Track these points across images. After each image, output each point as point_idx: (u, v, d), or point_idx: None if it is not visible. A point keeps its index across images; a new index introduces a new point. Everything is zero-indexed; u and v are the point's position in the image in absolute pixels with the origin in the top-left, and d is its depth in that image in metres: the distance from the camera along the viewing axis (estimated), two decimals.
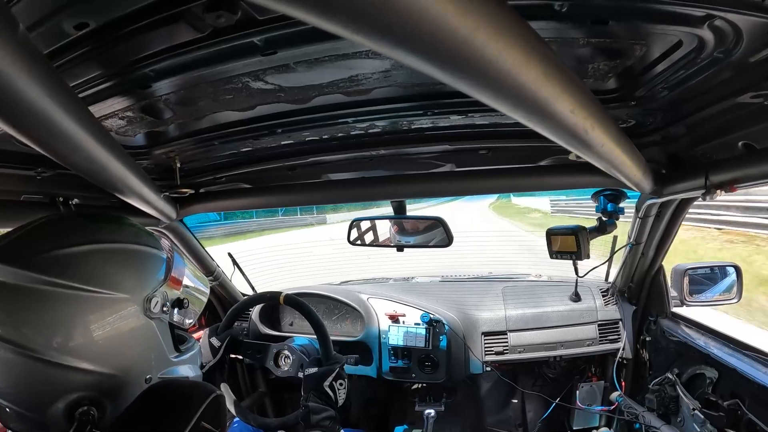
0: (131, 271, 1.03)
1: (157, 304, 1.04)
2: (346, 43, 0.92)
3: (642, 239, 2.07)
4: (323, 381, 1.70)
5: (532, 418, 2.93)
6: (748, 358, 1.68)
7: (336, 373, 1.74)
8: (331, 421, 1.61)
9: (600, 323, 2.52)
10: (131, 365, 1.00)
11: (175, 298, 1.12)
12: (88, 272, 0.94)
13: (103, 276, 0.96)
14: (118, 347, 0.97)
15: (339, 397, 1.71)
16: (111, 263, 0.99)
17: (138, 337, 1.01)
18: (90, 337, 0.92)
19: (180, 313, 1.16)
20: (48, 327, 0.89)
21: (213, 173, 1.88)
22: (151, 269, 1.07)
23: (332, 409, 1.64)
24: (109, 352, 0.96)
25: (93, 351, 0.93)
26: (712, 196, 1.31)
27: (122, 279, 0.99)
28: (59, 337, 0.90)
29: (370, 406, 3.13)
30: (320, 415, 1.60)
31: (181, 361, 1.15)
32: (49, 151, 0.89)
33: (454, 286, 3.15)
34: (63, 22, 0.81)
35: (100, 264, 0.97)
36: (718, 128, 1.23)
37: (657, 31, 0.88)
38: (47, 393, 0.91)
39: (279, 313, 2.94)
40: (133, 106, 1.19)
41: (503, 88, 0.58)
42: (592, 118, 0.78)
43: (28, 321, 0.89)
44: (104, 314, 0.95)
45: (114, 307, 0.96)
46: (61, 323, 0.90)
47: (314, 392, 1.68)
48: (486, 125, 1.45)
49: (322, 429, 1.57)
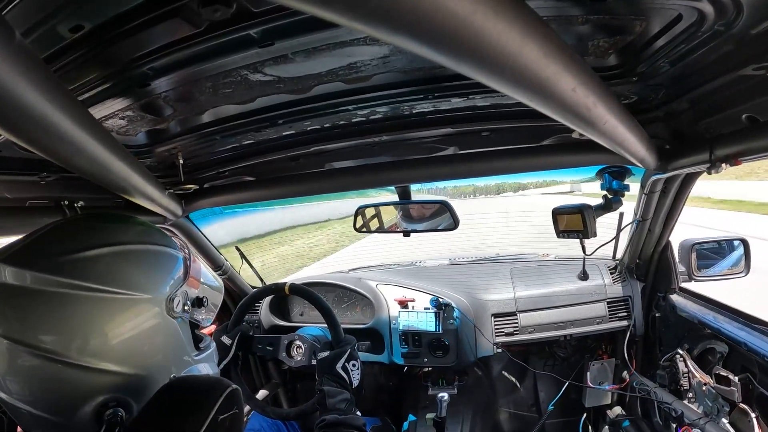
0: (152, 271, 1.03)
1: (179, 304, 1.06)
2: (343, 30, 0.91)
3: (648, 215, 2.06)
4: (336, 363, 1.70)
5: (544, 398, 2.95)
6: (759, 332, 1.68)
7: (348, 354, 1.74)
8: (347, 403, 1.60)
9: (609, 301, 2.52)
10: (156, 365, 1.01)
11: (194, 297, 1.14)
12: (108, 273, 0.95)
13: (124, 277, 0.96)
14: (143, 348, 0.98)
15: (353, 378, 1.71)
16: (131, 264, 1.00)
17: (162, 336, 1.02)
18: (114, 338, 0.93)
19: (200, 311, 1.17)
20: (70, 330, 0.90)
21: (216, 168, 1.88)
22: (171, 269, 1.08)
23: (347, 392, 1.64)
24: (135, 352, 0.96)
25: (117, 352, 0.94)
26: (717, 169, 1.30)
27: (143, 279, 1.00)
28: (82, 339, 0.90)
29: (383, 392, 3.16)
30: (336, 398, 1.60)
31: (201, 359, 1.17)
32: (52, 155, 0.89)
33: (462, 269, 3.15)
34: (58, 26, 0.81)
35: (120, 265, 0.98)
36: (721, 102, 1.22)
37: (656, 5, 0.87)
38: (74, 396, 0.92)
39: (289, 304, 2.96)
40: (133, 106, 1.19)
41: (504, 69, 0.58)
42: (594, 96, 0.78)
43: (49, 325, 0.89)
44: (128, 315, 0.95)
45: (137, 307, 0.97)
46: (84, 326, 0.91)
47: (328, 375, 1.68)
48: (487, 107, 1.44)
49: (339, 412, 1.56)
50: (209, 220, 2.79)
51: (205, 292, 1.19)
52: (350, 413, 1.58)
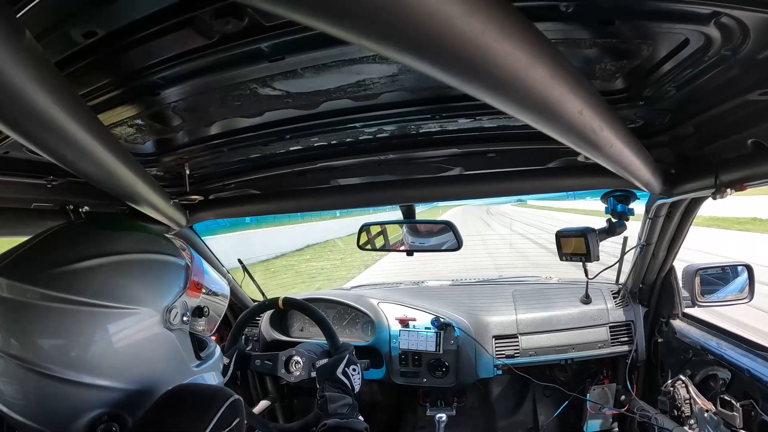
0: (148, 283, 0.99)
1: (177, 315, 1.01)
2: (353, 48, 0.92)
3: (652, 240, 2.05)
4: (336, 369, 1.70)
5: (544, 421, 2.91)
6: (762, 359, 1.66)
7: (347, 359, 1.74)
8: (348, 408, 1.59)
9: (611, 325, 2.50)
10: (152, 379, 0.98)
11: (194, 307, 1.08)
12: (102, 286, 0.92)
13: (119, 290, 0.93)
14: (138, 362, 0.95)
15: (354, 382, 1.71)
16: (127, 275, 0.96)
17: (158, 350, 0.99)
18: (108, 353, 0.91)
19: (200, 321, 1.11)
20: (63, 345, 0.88)
21: (222, 180, 1.88)
22: (169, 279, 1.04)
23: (350, 396, 1.63)
24: (129, 367, 0.94)
25: (111, 367, 0.91)
26: (722, 195, 1.30)
27: (139, 291, 0.96)
28: (75, 354, 0.88)
29: (380, 410, 3.12)
30: (337, 403, 1.59)
31: (204, 369, 1.12)
32: (59, 159, 0.89)
33: (464, 290, 3.14)
34: (71, 31, 0.81)
35: (115, 277, 0.94)
36: (727, 127, 1.22)
37: (663, 29, 0.88)
38: (66, 411, 0.90)
39: (289, 319, 2.94)
40: (141, 114, 1.20)
41: (511, 91, 0.58)
42: (601, 119, 0.78)
43: (42, 339, 0.87)
44: (122, 329, 0.92)
45: (132, 321, 0.94)
46: (77, 341, 0.88)
47: (329, 382, 1.68)
48: (494, 128, 1.45)
49: (340, 416, 1.55)
50: (213, 232, 2.79)
51: (207, 302, 1.13)
52: (352, 417, 1.58)
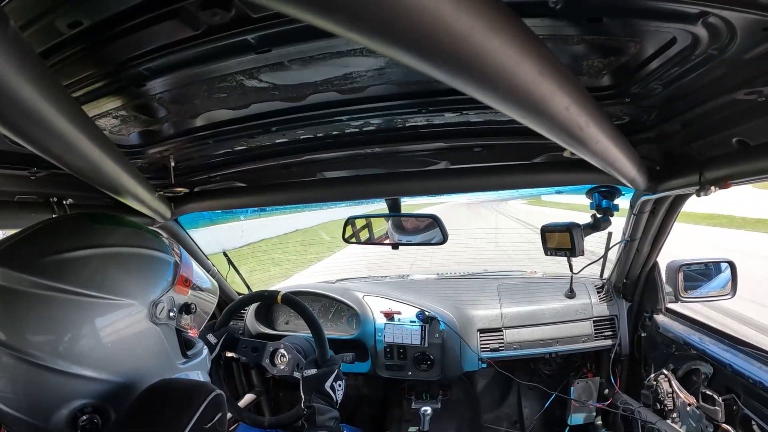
0: (137, 276, 1.00)
1: (164, 310, 1.02)
2: (340, 41, 0.92)
3: (637, 235, 2.07)
4: (324, 382, 1.73)
5: (529, 414, 2.94)
6: (743, 354, 1.69)
7: (336, 374, 1.77)
8: (335, 421, 1.65)
9: (595, 319, 2.53)
10: (136, 372, 0.97)
11: (182, 303, 1.09)
12: (91, 277, 0.92)
13: (107, 281, 0.94)
14: (123, 354, 0.95)
15: (338, 397, 1.75)
16: (116, 267, 0.97)
17: (143, 344, 0.99)
18: (93, 344, 0.90)
19: (187, 318, 1.12)
20: (50, 333, 0.87)
21: (207, 172, 1.87)
22: (157, 273, 1.04)
23: (335, 410, 1.68)
24: (114, 359, 0.93)
25: (96, 358, 0.91)
26: (706, 192, 1.31)
27: (128, 284, 0.97)
28: (61, 343, 0.88)
29: (366, 403, 3.13)
30: (325, 415, 1.63)
31: (189, 367, 1.12)
32: (43, 150, 0.88)
33: (449, 284, 3.15)
34: (56, 21, 0.80)
35: (104, 268, 0.95)
36: (713, 125, 1.23)
37: (651, 28, 0.88)
38: (49, 400, 0.89)
39: (275, 312, 2.93)
40: (127, 105, 1.19)
41: (498, 86, 0.58)
42: (587, 115, 0.79)
43: (29, 327, 0.87)
44: (108, 321, 0.92)
45: (119, 313, 0.94)
46: (64, 330, 0.88)
47: (317, 393, 1.70)
48: (480, 122, 1.45)
49: (328, 429, 1.61)
50: (198, 224, 2.77)
51: (194, 299, 1.13)
52: (338, 430, 1.66)
